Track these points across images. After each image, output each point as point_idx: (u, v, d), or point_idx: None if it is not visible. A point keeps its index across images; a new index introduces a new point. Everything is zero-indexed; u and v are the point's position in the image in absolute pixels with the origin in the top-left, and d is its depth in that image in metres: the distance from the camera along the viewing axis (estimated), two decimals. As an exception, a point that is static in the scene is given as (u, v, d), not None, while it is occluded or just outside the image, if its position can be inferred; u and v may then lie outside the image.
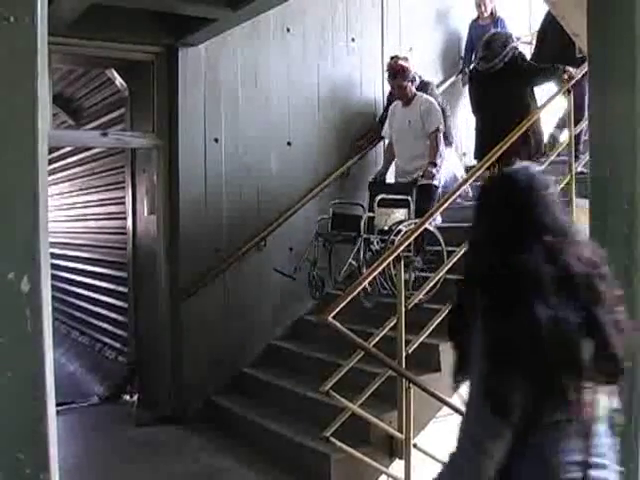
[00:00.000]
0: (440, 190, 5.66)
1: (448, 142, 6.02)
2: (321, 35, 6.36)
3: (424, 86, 6.02)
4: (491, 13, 6.77)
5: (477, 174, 4.78)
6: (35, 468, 1.20)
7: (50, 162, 5.99)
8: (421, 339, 4.40)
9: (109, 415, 5.93)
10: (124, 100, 6.38)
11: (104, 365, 7.00)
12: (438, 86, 6.73)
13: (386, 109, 6.31)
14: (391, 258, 4.27)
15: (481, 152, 5.24)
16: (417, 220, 5.04)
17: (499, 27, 6.57)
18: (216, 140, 5.79)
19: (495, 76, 5.37)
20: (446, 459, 1.63)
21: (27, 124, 1.20)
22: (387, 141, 6.11)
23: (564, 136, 5.38)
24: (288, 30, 6.16)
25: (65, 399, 5.78)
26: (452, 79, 7.13)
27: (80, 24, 4.97)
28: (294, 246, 5.94)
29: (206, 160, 5.74)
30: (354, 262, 5.23)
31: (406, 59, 6.22)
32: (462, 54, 7.12)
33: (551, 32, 5.41)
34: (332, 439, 3.87)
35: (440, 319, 4.46)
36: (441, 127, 5.65)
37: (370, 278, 4.39)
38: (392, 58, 6.21)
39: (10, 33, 1.17)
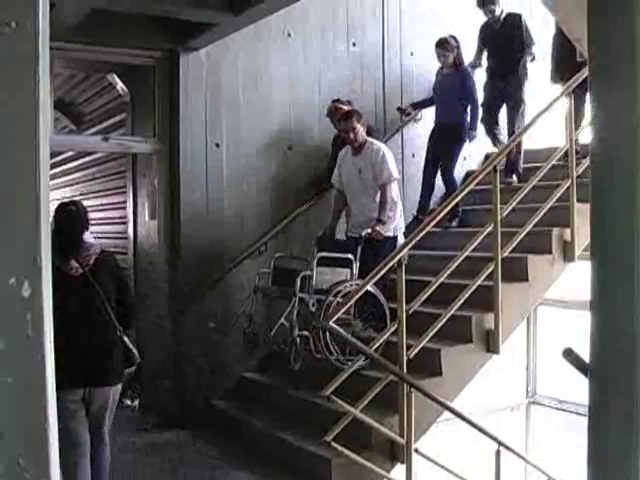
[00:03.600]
0: (399, 235, 5.31)
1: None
2: (322, 40, 6.37)
3: (369, 131, 5.55)
4: (454, 62, 6.26)
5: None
6: (36, 473, 1.20)
7: (51, 167, 5.95)
8: (422, 344, 4.40)
9: (110, 420, 5.91)
10: (125, 105, 6.39)
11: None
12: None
13: (333, 157, 5.82)
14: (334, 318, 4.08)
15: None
16: (359, 281, 4.74)
17: (464, 78, 6.23)
18: (217, 145, 5.80)
19: None
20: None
21: (28, 129, 1.20)
22: (336, 189, 5.61)
23: None
24: (289, 35, 6.17)
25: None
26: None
27: (82, 29, 4.98)
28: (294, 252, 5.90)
29: (207, 165, 5.75)
30: (286, 322, 4.91)
31: (348, 102, 5.99)
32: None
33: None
34: (333, 444, 3.87)
35: (441, 324, 4.48)
36: (394, 177, 5.25)
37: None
38: (334, 102, 6.00)
39: (11, 38, 1.17)
